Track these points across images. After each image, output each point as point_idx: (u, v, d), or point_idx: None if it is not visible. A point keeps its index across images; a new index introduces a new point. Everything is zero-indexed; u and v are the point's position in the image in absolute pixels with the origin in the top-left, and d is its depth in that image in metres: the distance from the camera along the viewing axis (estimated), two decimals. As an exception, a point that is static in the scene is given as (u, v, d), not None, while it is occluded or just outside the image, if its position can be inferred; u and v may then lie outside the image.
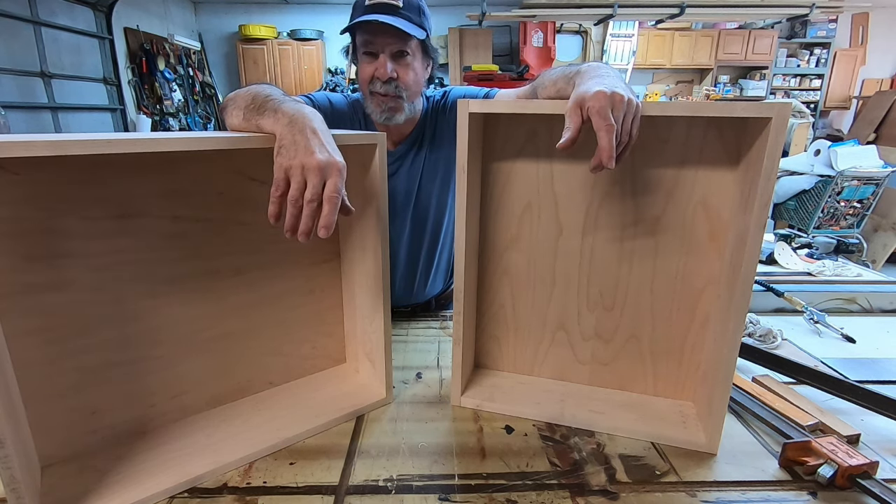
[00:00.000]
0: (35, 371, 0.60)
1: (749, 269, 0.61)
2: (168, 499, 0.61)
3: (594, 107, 0.57)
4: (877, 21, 6.32)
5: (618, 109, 0.58)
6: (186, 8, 6.18)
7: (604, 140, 0.57)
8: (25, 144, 0.45)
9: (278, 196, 0.57)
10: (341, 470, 0.66)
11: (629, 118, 0.59)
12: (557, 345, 0.85)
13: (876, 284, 1.31)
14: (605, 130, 0.56)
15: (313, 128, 0.59)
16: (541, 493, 0.62)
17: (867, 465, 0.61)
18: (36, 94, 3.61)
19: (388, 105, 1.00)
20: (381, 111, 1.01)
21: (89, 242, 0.61)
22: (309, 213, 0.56)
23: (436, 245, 1.19)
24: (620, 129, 0.58)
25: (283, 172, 0.57)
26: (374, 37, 0.97)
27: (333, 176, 0.57)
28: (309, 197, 0.56)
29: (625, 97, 0.58)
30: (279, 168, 0.57)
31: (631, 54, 6.10)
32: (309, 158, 0.56)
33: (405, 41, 0.97)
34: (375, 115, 1.02)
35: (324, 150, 0.57)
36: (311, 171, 0.56)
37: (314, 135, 0.58)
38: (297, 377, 0.86)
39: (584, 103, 0.59)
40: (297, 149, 0.57)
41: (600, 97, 0.58)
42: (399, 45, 0.97)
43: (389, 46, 0.97)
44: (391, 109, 1.01)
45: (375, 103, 1.01)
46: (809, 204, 3.50)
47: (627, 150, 0.61)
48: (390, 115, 1.01)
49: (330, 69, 6.48)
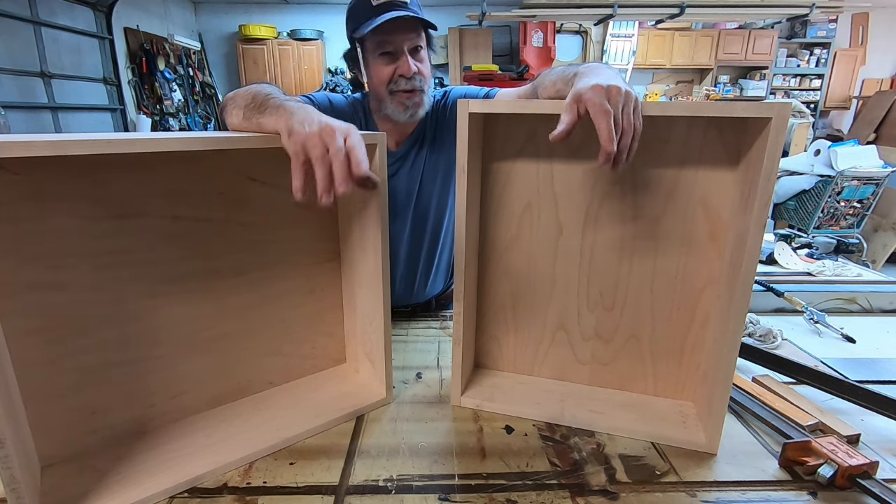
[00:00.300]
0: (35, 371, 0.60)
1: (749, 269, 0.61)
2: (168, 499, 0.61)
3: (590, 98, 0.58)
4: (877, 21, 6.32)
5: (614, 99, 0.58)
6: (186, 8, 6.18)
7: (601, 124, 0.57)
8: (25, 144, 0.45)
9: (301, 164, 0.55)
10: (341, 470, 0.66)
11: (629, 107, 0.59)
12: (557, 345, 0.85)
13: (876, 284, 1.31)
14: (602, 115, 0.57)
15: (319, 115, 0.60)
16: (541, 493, 0.62)
17: (867, 465, 0.61)
18: (36, 94, 3.61)
19: (413, 101, 1.00)
20: (406, 108, 1.01)
21: (89, 242, 0.61)
22: (340, 162, 0.55)
23: (436, 245, 1.19)
24: (620, 116, 0.58)
25: (299, 146, 0.56)
26: (390, 35, 0.96)
27: (351, 134, 0.57)
28: (335, 150, 0.55)
29: (622, 89, 0.59)
30: (294, 144, 0.56)
31: (631, 54, 6.10)
32: (323, 126, 0.56)
33: (420, 35, 0.98)
34: (398, 114, 1.02)
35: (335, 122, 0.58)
36: (328, 135, 0.56)
37: (321, 116, 0.59)
38: (296, 377, 0.86)
39: (581, 97, 0.59)
40: (309, 124, 0.57)
41: (596, 89, 0.58)
42: (416, 40, 0.98)
43: (408, 42, 0.97)
44: (416, 105, 1.01)
45: (398, 102, 1.00)
46: (809, 204, 3.50)
47: (635, 142, 0.59)
48: (415, 110, 1.01)
49: (330, 69, 6.48)
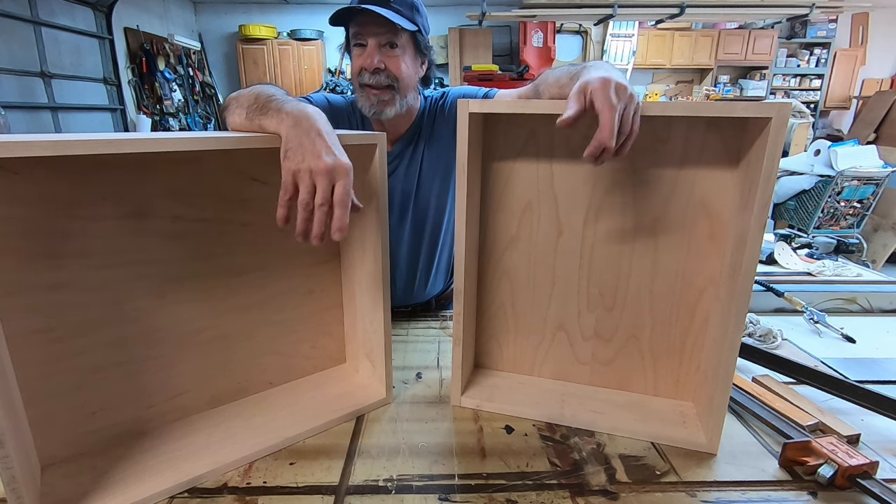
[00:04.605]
0: (35, 371, 0.60)
1: (749, 269, 0.61)
2: (168, 499, 0.61)
3: (597, 89, 0.58)
4: (877, 21, 6.32)
5: (621, 94, 0.59)
6: (186, 8, 6.18)
7: (605, 116, 0.57)
8: (25, 144, 0.45)
9: (287, 200, 0.57)
10: (341, 470, 0.66)
11: (630, 108, 0.60)
12: (557, 345, 0.85)
13: (876, 284, 1.31)
14: (608, 108, 0.57)
15: (318, 130, 0.59)
16: (541, 493, 0.62)
17: (867, 465, 0.61)
18: (36, 94, 3.61)
19: (379, 98, 0.99)
20: (371, 105, 1.00)
21: (89, 242, 0.61)
22: (321, 217, 0.56)
23: (436, 245, 1.19)
24: (622, 116, 0.58)
25: (291, 176, 0.57)
26: (362, 27, 0.97)
27: (342, 178, 0.57)
28: (320, 201, 0.56)
29: (627, 89, 0.60)
30: (287, 172, 0.57)
31: (631, 54, 6.10)
32: (317, 162, 0.56)
33: (394, 32, 0.97)
34: (365, 108, 1.01)
35: (330, 152, 0.57)
36: (319, 175, 0.56)
37: (319, 137, 0.59)
38: (296, 377, 0.86)
39: (588, 88, 0.59)
40: (304, 152, 0.57)
41: (604, 82, 0.58)
42: (388, 36, 0.97)
43: (378, 37, 0.97)
44: (381, 103, 1.00)
45: (365, 96, 1.00)
46: (809, 204, 3.50)
47: (629, 142, 0.61)
48: (380, 108, 1.00)
49: (330, 69, 6.47)
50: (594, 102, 0.58)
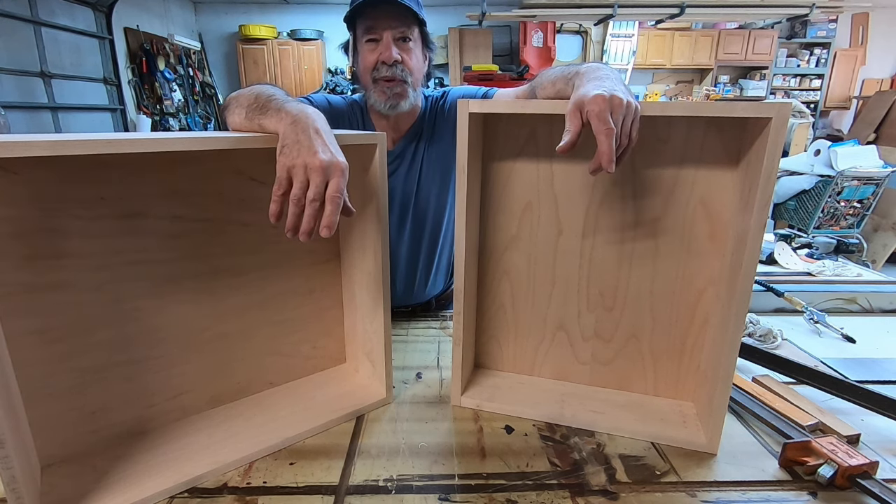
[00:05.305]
0: (35, 371, 0.60)
1: (749, 269, 0.61)
2: (168, 499, 0.61)
3: (593, 110, 0.57)
4: (877, 21, 6.32)
5: (617, 112, 0.58)
6: (186, 8, 6.18)
7: (604, 144, 0.56)
8: (25, 144, 0.45)
9: (280, 195, 0.57)
10: (341, 470, 0.66)
11: (628, 121, 0.59)
12: (557, 345, 0.85)
13: (876, 284, 1.31)
14: (605, 134, 0.56)
15: (316, 128, 0.59)
16: (541, 493, 0.62)
17: (867, 465, 0.61)
18: (36, 94, 3.61)
19: (395, 90, 1.00)
20: (387, 98, 1.00)
21: (89, 242, 0.61)
22: (311, 212, 0.56)
23: (436, 245, 1.19)
24: (619, 132, 0.58)
25: (285, 171, 0.57)
26: (376, 21, 0.97)
27: (336, 176, 0.57)
28: (311, 196, 0.56)
29: (624, 100, 0.58)
30: (282, 167, 0.57)
31: (631, 54, 6.10)
32: (312, 158, 0.56)
33: (408, 26, 0.98)
34: (380, 104, 1.01)
35: (327, 150, 0.57)
36: (313, 171, 0.56)
37: (317, 135, 0.58)
38: (296, 377, 0.86)
39: (584, 107, 0.58)
40: (300, 148, 0.57)
41: (599, 101, 0.57)
42: (402, 30, 0.98)
43: (393, 30, 0.98)
44: (397, 95, 1.00)
45: (379, 91, 1.00)
46: (809, 204, 3.50)
47: (627, 152, 0.61)
48: (395, 101, 1.01)
49: (330, 69, 6.48)
50: (591, 124, 0.58)
